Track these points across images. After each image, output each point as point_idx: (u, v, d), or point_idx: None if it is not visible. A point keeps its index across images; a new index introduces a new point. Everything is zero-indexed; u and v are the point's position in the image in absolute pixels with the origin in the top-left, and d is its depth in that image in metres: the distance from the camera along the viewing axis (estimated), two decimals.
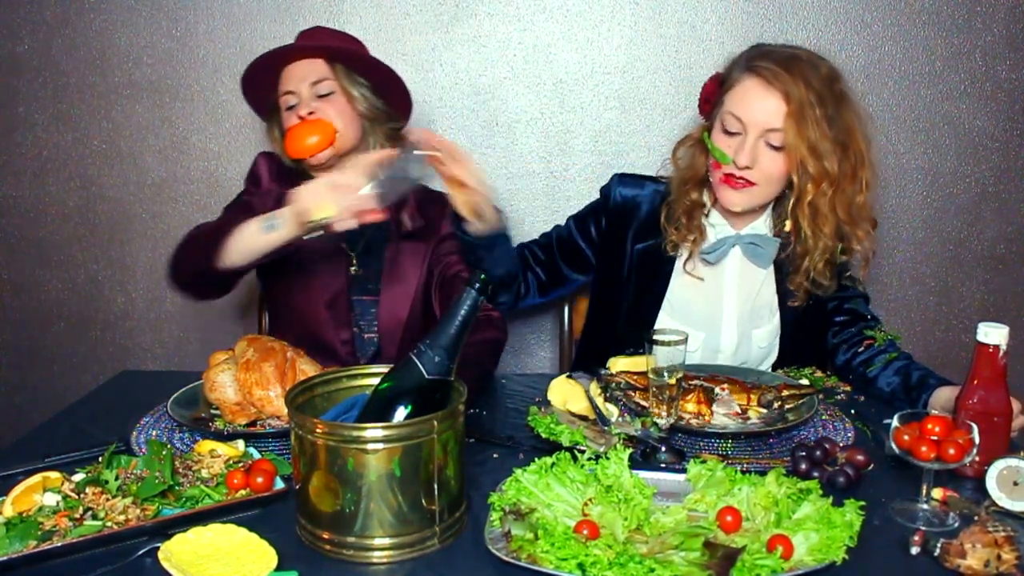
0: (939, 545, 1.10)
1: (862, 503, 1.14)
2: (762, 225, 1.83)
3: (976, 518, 1.17)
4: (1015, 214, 2.43)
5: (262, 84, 1.87)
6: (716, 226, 1.83)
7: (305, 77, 1.80)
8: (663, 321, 1.87)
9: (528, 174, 2.42)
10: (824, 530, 1.10)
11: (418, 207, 1.93)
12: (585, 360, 2.00)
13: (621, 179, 1.92)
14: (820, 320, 1.88)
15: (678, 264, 1.86)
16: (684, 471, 1.29)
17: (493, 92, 2.37)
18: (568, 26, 2.32)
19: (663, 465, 1.38)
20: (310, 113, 1.79)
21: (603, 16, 2.32)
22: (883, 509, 1.24)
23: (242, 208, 1.83)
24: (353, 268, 1.90)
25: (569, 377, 1.62)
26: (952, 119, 2.36)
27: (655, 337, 1.39)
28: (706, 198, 1.83)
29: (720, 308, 1.85)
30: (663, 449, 1.41)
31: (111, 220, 2.49)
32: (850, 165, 1.67)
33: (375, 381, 1.26)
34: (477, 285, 1.17)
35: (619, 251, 1.89)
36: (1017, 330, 1.75)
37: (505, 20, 2.32)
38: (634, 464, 1.29)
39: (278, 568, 1.09)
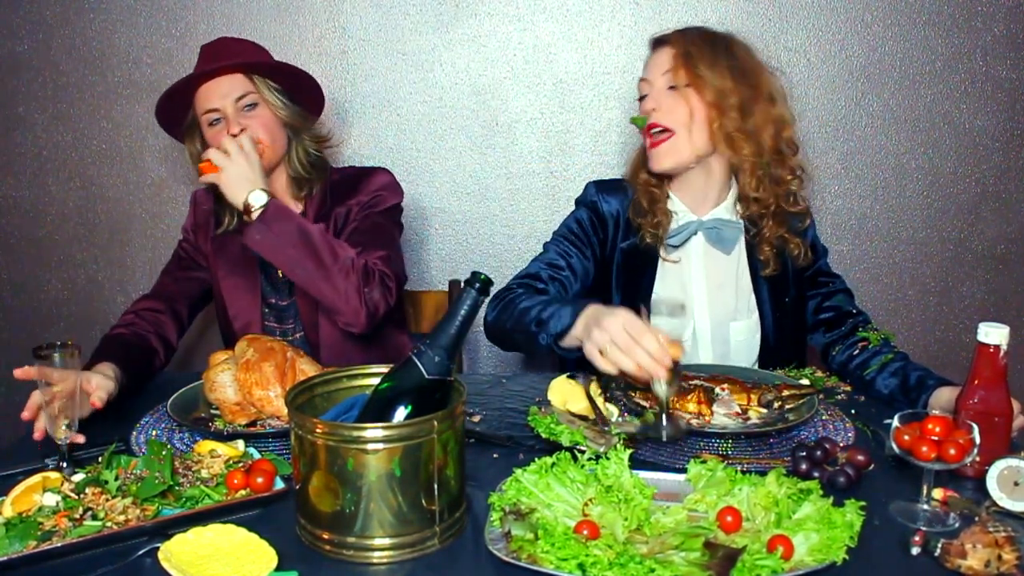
0: (939, 545, 1.10)
1: (862, 503, 1.14)
2: (724, 211, 1.87)
3: (977, 518, 1.17)
4: (1015, 214, 2.43)
5: (176, 107, 1.86)
6: (678, 213, 1.87)
7: (228, 93, 1.81)
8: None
9: (528, 174, 2.42)
10: (824, 530, 1.09)
11: (329, 194, 1.94)
12: (580, 361, 2.01)
13: (600, 188, 1.93)
14: (801, 318, 1.92)
15: (660, 254, 1.89)
16: (684, 471, 1.29)
17: (493, 92, 2.37)
18: (568, 26, 2.32)
19: (665, 440, 1.36)
20: (242, 130, 1.79)
21: (603, 16, 2.32)
22: (883, 509, 1.24)
23: (176, 263, 2.01)
24: (281, 273, 1.92)
25: (569, 377, 1.62)
26: (952, 119, 2.36)
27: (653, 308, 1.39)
28: (662, 184, 1.87)
29: (691, 295, 1.87)
30: (664, 422, 1.36)
31: (111, 220, 2.49)
32: (758, 95, 1.76)
33: (375, 381, 1.26)
34: (477, 285, 1.17)
35: (608, 255, 1.92)
36: (1017, 330, 1.75)
37: (505, 20, 2.32)
38: (634, 464, 1.29)
39: (278, 568, 1.09)
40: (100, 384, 1.50)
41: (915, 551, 1.12)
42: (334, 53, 2.34)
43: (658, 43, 1.82)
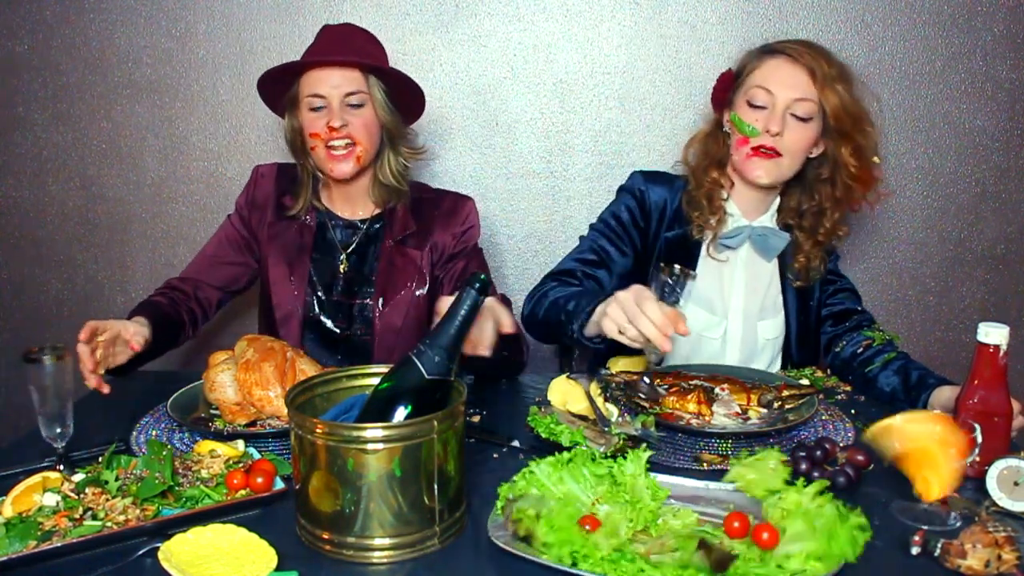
0: (939, 545, 1.10)
1: (863, 521, 1.09)
2: (769, 219, 1.89)
3: (976, 518, 1.17)
4: (1015, 214, 2.43)
5: (280, 81, 1.84)
6: (732, 215, 1.88)
7: (339, 86, 1.79)
8: (685, 308, 1.88)
9: (528, 174, 2.42)
10: (824, 544, 1.07)
11: (411, 212, 1.94)
12: (615, 351, 1.99)
13: (648, 178, 1.92)
14: (820, 320, 1.95)
15: (702, 250, 1.89)
16: (693, 472, 1.29)
17: (493, 92, 2.37)
18: (568, 26, 2.32)
19: (654, 363, 1.42)
20: (343, 125, 1.78)
21: (603, 16, 2.32)
22: (883, 509, 1.24)
23: (218, 245, 1.97)
24: (343, 267, 1.92)
25: (569, 377, 1.62)
26: (952, 119, 2.36)
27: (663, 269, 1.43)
28: (724, 184, 1.86)
29: (729, 296, 1.89)
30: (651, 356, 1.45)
31: (111, 220, 2.49)
32: (865, 138, 1.77)
33: (375, 381, 1.26)
34: (477, 285, 1.18)
35: (651, 245, 1.90)
36: (1017, 330, 1.75)
37: (505, 20, 2.32)
38: (652, 466, 1.28)
39: (278, 568, 1.09)
40: (137, 331, 1.62)
41: (915, 551, 1.12)
42: None
43: (789, 56, 1.74)
